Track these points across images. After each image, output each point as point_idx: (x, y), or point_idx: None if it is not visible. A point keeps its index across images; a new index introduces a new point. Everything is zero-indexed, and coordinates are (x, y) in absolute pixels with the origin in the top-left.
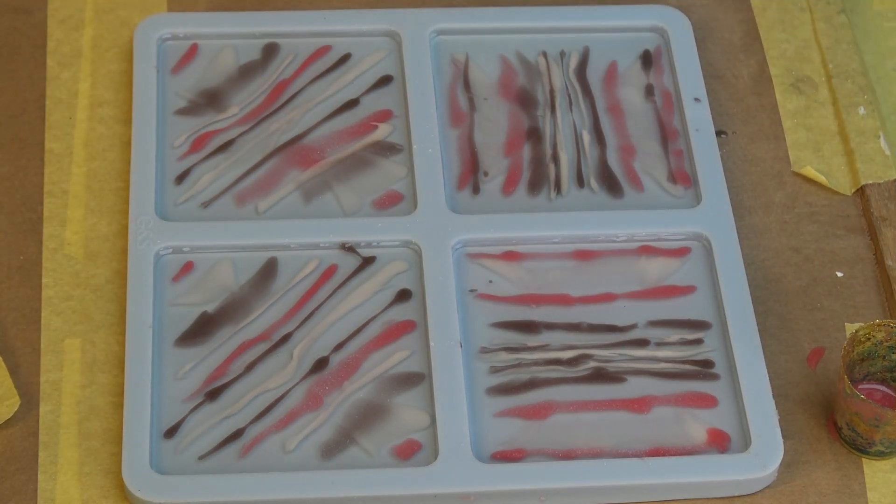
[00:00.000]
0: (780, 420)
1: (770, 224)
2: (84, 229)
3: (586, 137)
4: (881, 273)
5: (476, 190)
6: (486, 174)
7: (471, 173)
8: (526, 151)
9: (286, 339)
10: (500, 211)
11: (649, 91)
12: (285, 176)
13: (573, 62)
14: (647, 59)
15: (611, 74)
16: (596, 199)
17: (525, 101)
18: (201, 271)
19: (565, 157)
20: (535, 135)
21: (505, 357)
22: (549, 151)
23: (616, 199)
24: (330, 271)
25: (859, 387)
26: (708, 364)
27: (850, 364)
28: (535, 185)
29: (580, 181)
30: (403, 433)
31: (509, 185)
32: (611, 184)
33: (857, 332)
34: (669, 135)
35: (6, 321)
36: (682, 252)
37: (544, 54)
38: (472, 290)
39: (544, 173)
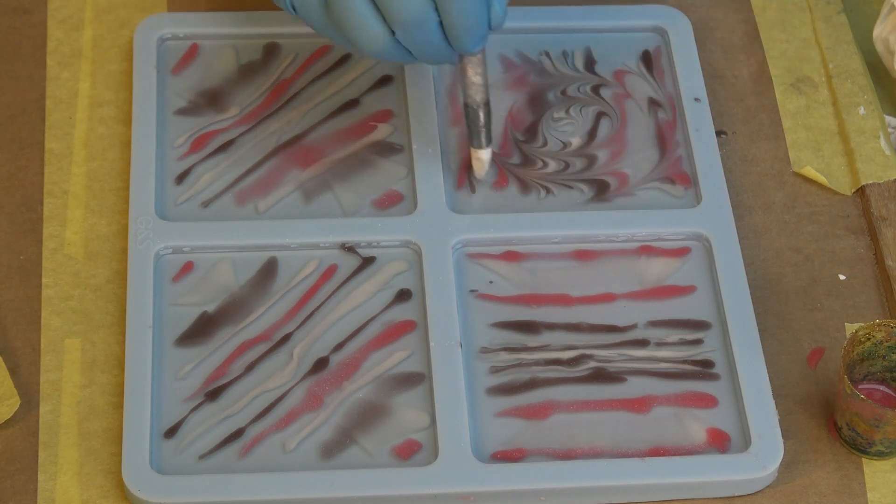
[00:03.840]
0: (780, 420)
1: (770, 224)
2: (84, 229)
3: (584, 137)
4: (881, 273)
5: (473, 188)
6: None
7: (468, 171)
8: (519, 147)
9: (286, 339)
10: (500, 211)
11: (649, 91)
12: (285, 176)
13: (579, 61)
14: (647, 59)
15: (619, 75)
16: (595, 200)
17: (531, 99)
18: (201, 271)
19: (553, 164)
20: (532, 132)
21: (505, 357)
22: (540, 148)
23: (615, 200)
24: (330, 271)
25: (859, 387)
26: (708, 364)
27: (850, 364)
28: (525, 184)
29: (574, 182)
30: (403, 433)
31: (500, 182)
32: (609, 184)
33: (857, 332)
34: (669, 136)
35: (6, 321)
36: (682, 252)
37: (547, 54)
38: (472, 291)
39: (534, 172)
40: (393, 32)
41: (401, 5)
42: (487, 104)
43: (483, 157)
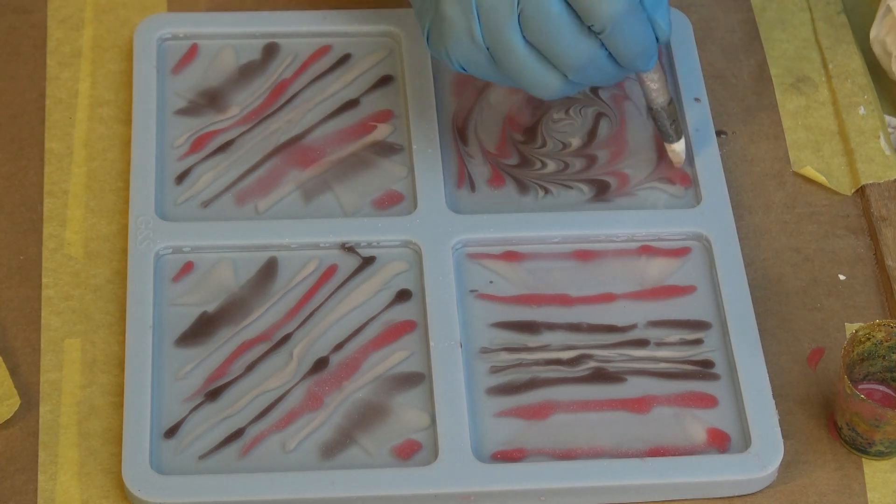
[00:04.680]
0: (780, 420)
1: (770, 224)
2: (84, 229)
3: (584, 138)
4: (881, 273)
5: (473, 187)
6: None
7: (467, 171)
8: (517, 148)
9: (286, 339)
10: (500, 211)
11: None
12: (285, 176)
13: None
14: None
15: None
16: (595, 200)
17: (530, 99)
18: (201, 271)
19: (552, 164)
20: (531, 132)
21: (505, 357)
22: (539, 149)
23: (615, 200)
24: (330, 271)
25: (859, 387)
26: (708, 364)
27: (850, 364)
28: (523, 184)
29: (573, 182)
30: (403, 433)
31: (495, 181)
32: (609, 184)
33: (857, 332)
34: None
35: (6, 321)
36: (682, 252)
37: None
38: (472, 291)
39: (532, 172)
40: (567, 76)
41: (569, 53)
42: (671, 103)
43: (677, 148)
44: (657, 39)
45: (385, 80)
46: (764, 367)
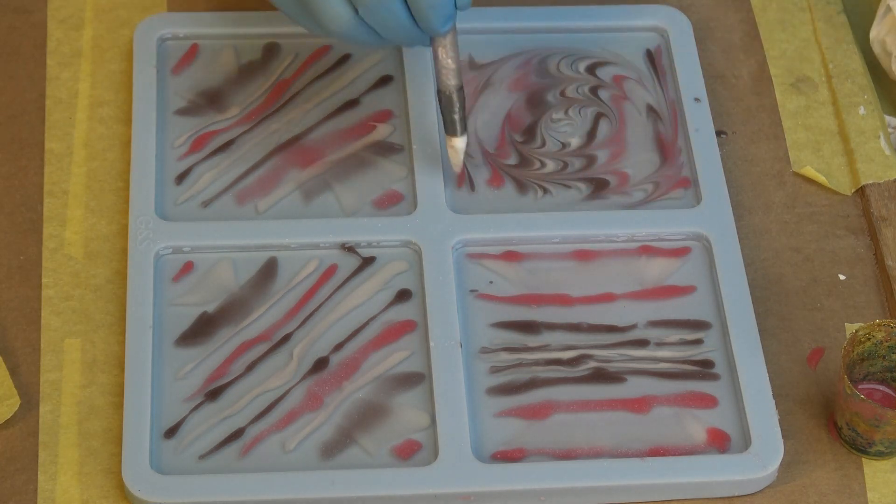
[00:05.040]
0: (780, 420)
1: (770, 224)
2: (84, 229)
3: (582, 138)
4: (881, 273)
5: (473, 187)
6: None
7: (468, 171)
8: (517, 148)
9: (286, 339)
10: (500, 211)
11: (648, 98)
12: (285, 176)
13: (583, 62)
14: (651, 60)
15: (617, 79)
16: (592, 197)
17: (529, 100)
18: (201, 271)
19: (551, 164)
20: (530, 132)
21: (505, 357)
22: (538, 148)
23: (612, 198)
24: (330, 271)
25: (859, 387)
26: (708, 364)
27: (850, 364)
28: (522, 184)
29: (572, 182)
30: (403, 433)
31: (495, 181)
32: (608, 182)
33: (857, 332)
34: (670, 145)
35: (6, 321)
36: (682, 252)
37: (550, 55)
38: (472, 291)
39: (531, 172)
40: (357, 11)
41: None
42: (461, 89)
43: (458, 145)
44: (455, 3)
45: (385, 80)
46: (764, 367)
